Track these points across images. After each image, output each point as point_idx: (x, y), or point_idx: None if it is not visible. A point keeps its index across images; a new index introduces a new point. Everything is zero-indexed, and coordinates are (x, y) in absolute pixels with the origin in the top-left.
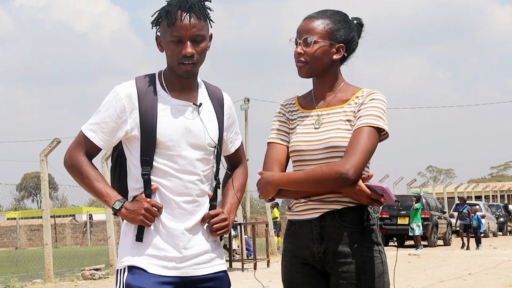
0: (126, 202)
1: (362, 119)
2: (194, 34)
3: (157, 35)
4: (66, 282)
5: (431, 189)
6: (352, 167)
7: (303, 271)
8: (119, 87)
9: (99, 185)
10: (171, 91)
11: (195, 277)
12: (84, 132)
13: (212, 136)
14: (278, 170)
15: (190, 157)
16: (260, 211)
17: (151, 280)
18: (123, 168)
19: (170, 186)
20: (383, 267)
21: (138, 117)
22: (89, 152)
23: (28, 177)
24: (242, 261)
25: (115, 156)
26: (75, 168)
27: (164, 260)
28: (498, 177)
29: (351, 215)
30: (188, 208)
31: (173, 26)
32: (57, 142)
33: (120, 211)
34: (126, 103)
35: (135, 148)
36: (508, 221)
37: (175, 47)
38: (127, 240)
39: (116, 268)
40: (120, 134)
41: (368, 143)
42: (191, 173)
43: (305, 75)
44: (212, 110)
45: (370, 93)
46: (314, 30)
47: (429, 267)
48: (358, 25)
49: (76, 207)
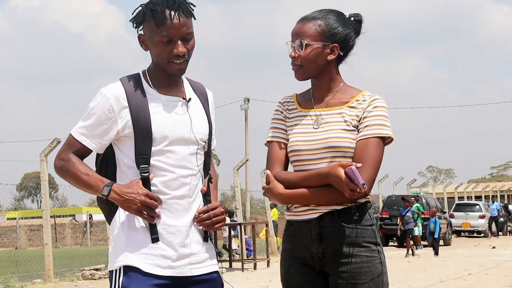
0: (114, 184)
1: (368, 129)
2: (184, 32)
3: (140, 33)
4: (66, 282)
5: (431, 189)
6: (367, 182)
7: (302, 271)
8: (105, 88)
9: (86, 178)
10: (158, 88)
11: (190, 277)
12: (75, 136)
13: (204, 130)
14: (281, 169)
15: (184, 152)
16: (260, 211)
17: (146, 282)
18: (110, 171)
19: (166, 182)
20: (382, 267)
21: (129, 116)
22: (78, 154)
23: (28, 177)
24: (242, 261)
25: (100, 160)
26: (63, 167)
27: (160, 258)
28: (498, 177)
29: (350, 215)
30: (183, 203)
31: (163, 26)
32: (57, 142)
33: (109, 195)
34: (113, 103)
35: (127, 147)
36: (508, 221)
37: (165, 46)
38: (120, 240)
39: (110, 269)
40: (111, 135)
41: (378, 155)
42: (186, 168)
43: (301, 78)
44: (200, 105)
45: (372, 100)
46: (306, 33)
47: (429, 267)
48: (356, 22)
49: (76, 207)
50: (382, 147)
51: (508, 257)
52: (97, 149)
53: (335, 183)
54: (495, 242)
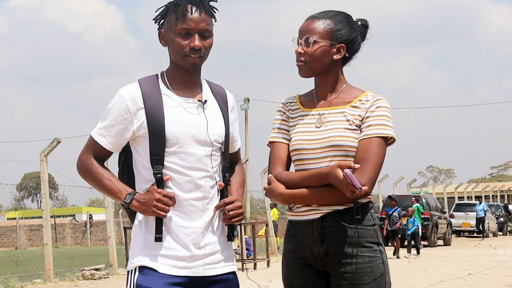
0: (136, 194)
1: (371, 129)
2: (203, 28)
3: (161, 29)
4: (66, 282)
5: (431, 189)
6: (368, 182)
7: (304, 271)
8: (123, 89)
9: (109, 183)
10: (175, 89)
11: (205, 278)
12: (94, 137)
13: (219, 132)
14: (283, 169)
15: (198, 154)
16: (260, 211)
17: (161, 281)
18: (131, 172)
19: (180, 184)
20: (384, 267)
21: (145, 116)
22: (98, 155)
23: (28, 177)
24: (242, 261)
25: (122, 161)
26: (86, 171)
27: (174, 260)
28: (498, 177)
29: (352, 215)
30: (199, 205)
31: (182, 18)
32: (57, 142)
33: (131, 203)
34: (129, 104)
35: (143, 148)
36: (508, 221)
37: (182, 39)
38: (137, 242)
39: (127, 270)
40: (127, 135)
41: (380, 155)
42: (200, 169)
43: (305, 75)
44: (217, 107)
45: (375, 100)
46: (315, 30)
47: (429, 267)
48: (363, 27)
49: (76, 207)
50: (384, 147)
51: (508, 257)
52: (113, 149)
53: (335, 183)
54: (486, 242)
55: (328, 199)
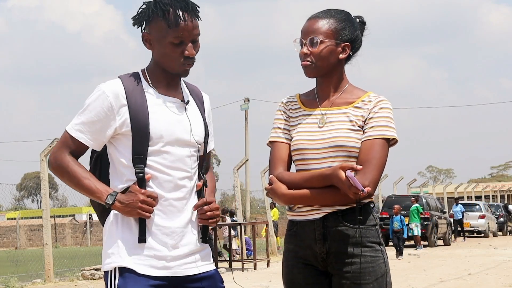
0: (118, 194)
1: (374, 130)
2: (196, 34)
3: (145, 32)
4: (66, 282)
5: (431, 189)
6: (371, 183)
7: (305, 271)
8: (104, 85)
9: (88, 183)
10: (157, 87)
11: (185, 277)
12: (70, 133)
13: (200, 133)
14: (283, 170)
15: (181, 154)
16: (260, 211)
17: (142, 284)
18: (104, 170)
19: (161, 183)
20: (385, 267)
21: (128, 114)
22: (75, 152)
23: (28, 177)
24: (242, 261)
25: (94, 158)
26: (61, 168)
27: (154, 259)
28: (498, 177)
29: (354, 215)
30: (178, 205)
31: (176, 27)
32: (57, 142)
33: (113, 205)
34: (112, 100)
35: (124, 146)
36: (508, 221)
37: (175, 48)
38: (113, 240)
39: (104, 270)
40: (109, 132)
41: (382, 156)
42: (181, 169)
43: (311, 75)
44: (196, 108)
45: (378, 101)
46: (320, 30)
47: (429, 267)
48: (361, 23)
49: (76, 207)
50: (387, 148)
51: (508, 257)
52: (95, 146)
53: (337, 185)
54: (486, 242)
55: (331, 200)
